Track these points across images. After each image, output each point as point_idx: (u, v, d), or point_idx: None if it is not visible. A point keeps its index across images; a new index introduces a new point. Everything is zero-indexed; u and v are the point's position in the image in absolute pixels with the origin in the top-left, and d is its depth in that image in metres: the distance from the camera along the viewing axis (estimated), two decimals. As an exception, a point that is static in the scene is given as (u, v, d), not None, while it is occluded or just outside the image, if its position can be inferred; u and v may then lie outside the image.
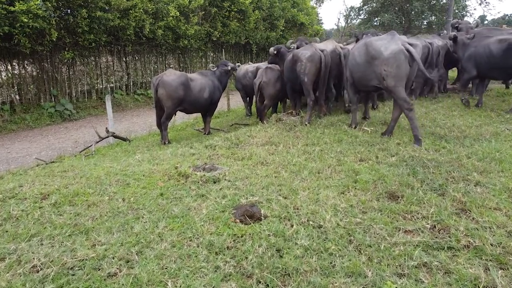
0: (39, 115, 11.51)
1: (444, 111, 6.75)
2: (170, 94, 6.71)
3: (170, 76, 6.77)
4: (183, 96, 6.84)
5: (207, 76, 7.45)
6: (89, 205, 3.42)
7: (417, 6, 36.54)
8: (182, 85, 6.80)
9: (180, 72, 7.17)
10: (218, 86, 7.55)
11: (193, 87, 7.02)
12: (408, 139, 5.06)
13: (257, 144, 5.36)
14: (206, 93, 7.22)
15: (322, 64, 6.42)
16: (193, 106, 7.24)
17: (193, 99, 7.04)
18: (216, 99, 7.55)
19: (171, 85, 6.70)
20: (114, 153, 6.55)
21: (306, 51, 6.54)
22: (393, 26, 40.32)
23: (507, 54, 6.48)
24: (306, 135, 5.69)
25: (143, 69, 15.47)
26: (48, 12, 10.32)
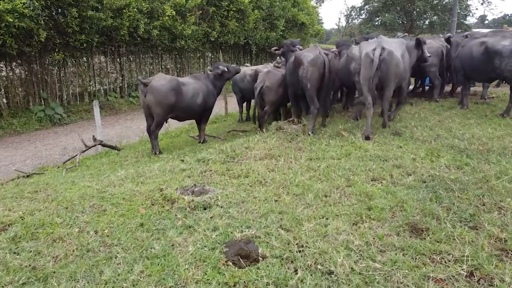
0: (27, 119, 10.96)
1: (460, 119, 6.21)
2: (160, 101, 6.16)
3: (159, 81, 6.21)
4: (174, 102, 6.29)
5: (201, 80, 6.90)
6: (54, 240, 2.87)
7: (420, 6, 36.03)
8: (172, 90, 6.24)
9: (170, 76, 6.62)
10: (212, 90, 6.98)
11: (185, 92, 6.46)
12: (424, 153, 4.51)
13: (255, 158, 4.82)
14: (199, 99, 6.66)
15: (326, 69, 5.85)
16: (185, 113, 6.70)
17: (185, 105, 6.49)
18: (210, 104, 7.01)
19: (160, 91, 6.14)
20: (99, 165, 6.01)
21: (309, 53, 5.99)
22: (394, 26, 39.81)
23: (484, 57, 6.51)
24: (310, 147, 5.15)
25: (138, 70, 14.91)
26: (36, 11, 9.76)
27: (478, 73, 6.90)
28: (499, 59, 6.25)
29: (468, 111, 6.84)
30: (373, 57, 5.37)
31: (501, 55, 6.23)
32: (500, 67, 6.26)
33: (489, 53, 6.39)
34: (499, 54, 6.25)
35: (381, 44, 5.54)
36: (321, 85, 5.96)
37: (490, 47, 6.42)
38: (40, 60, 11.52)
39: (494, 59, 6.33)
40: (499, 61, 6.26)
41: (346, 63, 6.76)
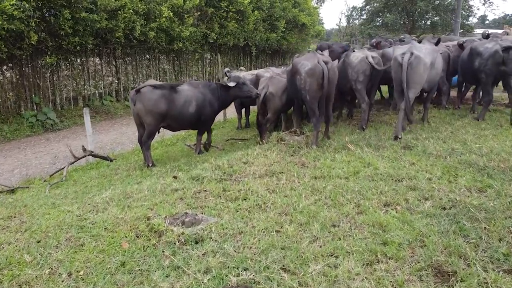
0: (18, 125, 10.56)
1: (473, 130, 5.80)
2: (150, 109, 5.76)
3: (147, 88, 5.81)
4: (166, 110, 5.87)
5: (197, 88, 6.44)
6: (20, 285, 2.46)
7: (422, 6, 35.61)
8: (163, 97, 5.82)
9: (161, 83, 6.19)
10: (210, 100, 6.44)
11: (177, 99, 6.03)
12: (440, 172, 4.10)
13: (255, 175, 4.41)
14: (192, 107, 6.19)
15: (325, 80, 5.35)
16: (177, 122, 6.26)
17: (176, 114, 6.04)
18: (207, 115, 6.48)
19: (150, 99, 5.73)
20: (86, 179, 5.60)
21: (307, 62, 5.55)
22: (396, 27, 39.39)
23: (470, 58, 6.66)
24: (314, 163, 4.74)
25: (134, 73, 14.51)
26: (27, 13, 9.35)
27: (470, 76, 7.06)
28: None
29: (483, 122, 6.42)
30: (402, 61, 5.70)
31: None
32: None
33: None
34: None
35: (411, 49, 5.79)
36: (322, 95, 5.50)
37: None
38: (32, 63, 11.11)
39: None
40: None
41: (342, 69, 6.37)
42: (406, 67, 5.63)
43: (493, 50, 6.27)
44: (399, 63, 5.79)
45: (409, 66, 5.66)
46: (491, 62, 6.29)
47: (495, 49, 6.26)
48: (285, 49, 24.26)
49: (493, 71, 6.33)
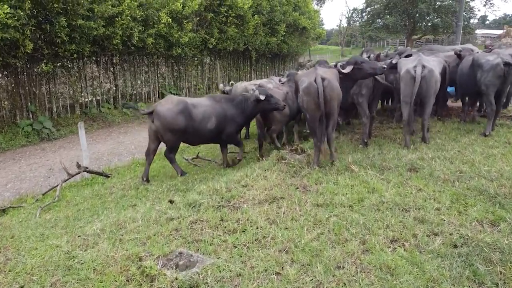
0: (13, 134, 10.39)
1: (481, 148, 5.59)
2: (168, 127, 5.72)
3: (165, 105, 5.76)
4: (185, 126, 5.81)
5: (219, 102, 6.24)
6: None
7: (423, 8, 35.44)
8: (180, 114, 5.75)
9: (178, 98, 6.04)
10: (233, 115, 6.23)
11: (195, 115, 5.92)
12: (449, 201, 3.90)
13: (254, 201, 4.20)
14: (211, 124, 6.04)
15: (320, 98, 5.00)
16: (195, 138, 6.21)
17: (193, 130, 5.94)
18: (229, 130, 6.29)
19: (166, 116, 5.68)
20: (80, 200, 5.40)
21: (305, 78, 5.33)
22: (397, 29, 39.20)
23: (471, 70, 6.62)
24: (316, 186, 4.54)
25: (133, 79, 14.32)
26: (21, 22, 9.16)
27: (467, 87, 7.05)
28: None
29: (489, 137, 6.22)
30: (415, 75, 5.66)
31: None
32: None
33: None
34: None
35: (421, 62, 5.76)
36: (321, 114, 5.19)
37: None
38: (27, 71, 10.92)
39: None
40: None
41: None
42: (419, 80, 5.62)
43: (495, 63, 6.24)
44: (411, 76, 5.73)
45: (422, 79, 5.65)
46: (492, 75, 6.26)
47: (496, 62, 6.23)
48: (285, 53, 24.10)
49: (494, 84, 6.27)
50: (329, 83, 5.19)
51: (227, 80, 19.71)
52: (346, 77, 5.63)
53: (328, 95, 5.16)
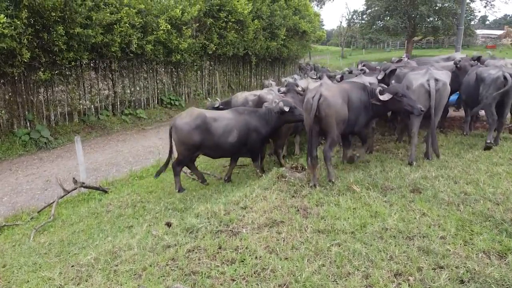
0: (10, 144, 10.28)
1: (485, 166, 5.47)
2: (182, 140, 5.70)
3: (184, 119, 5.74)
4: (200, 141, 5.75)
5: (242, 115, 6.12)
6: None
7: (423, 10, 35.32)
8: (197, 129, 5.69)
9: (198, 112, 5.92)
10: (256, 127, 6.11)
11: (215, 129, 5.82)
12: (454, 228, 3.78)
13: (253, 225, 4.09)
14: (232, 137, 5.93)
15: (311, 115, 4.95)
16: (215, 152, 6.12)
17: (212, 144, 5.86)
18: (253, 143, 6.16)
19: (182, 130, 5.69)
20: (76, 220, 5.29)
21: (308, 94, 5.27)
22: (397, 31, 39.08)
23: (475, 84, 6.69)
24: (317, 209, 4.42)
25: (131, 86, 14.21)
26: (18, 30, 9.05)
27: (471, 99, 7.09)
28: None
29: (493, 152, 6.11)
30: (429, 88, 5.65)
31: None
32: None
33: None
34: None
35: (433, 75, 5.76)
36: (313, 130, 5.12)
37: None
38: (25, 80, 10.81)
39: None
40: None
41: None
42: (434, 94, 5.63)
43: (496, 76, 6.32)
44: (426, 90, 5.72)
45: (437, 92, 5.67)
46: (493, 88, 6.33)
47: (497, 75, 6.31)
48: (285, 57, 23.99)
49: (495, 96, 6.33)
50: (325, 100, 5.06)
51: (227, 85, 19.64)
52: (381, 103, 5.49)
53: (323, 112, 5.07)
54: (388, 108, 5.60)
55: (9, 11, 8.82)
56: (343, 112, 5.19)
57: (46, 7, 9.37)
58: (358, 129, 5.62)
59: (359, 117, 5.51)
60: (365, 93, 5.53)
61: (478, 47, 49.58)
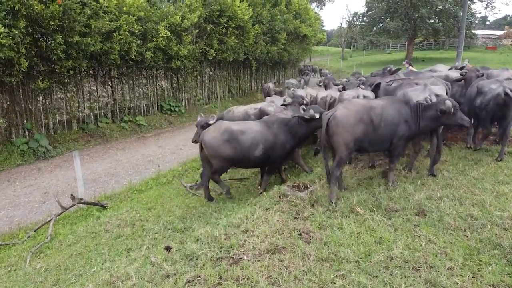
0: (9, 153, 10.17)
1: (491, 185, 5.34)
2: (213, 155, 5.85)
3: (212, 134, 5.85)
4: (232, 154, 5.79)
5: (270, 127, 6.05)
6: None
7: (424, 13, 35.22)
8: (226, 142, 5.72)
9: (226, 125, 5.92)
10: (283, 141, 6.03)
11: (242, 142, 5.80)
12: (462, 257, 3.67)
13: (255, 252, 3.98)
14: (258, 150, 5.89)
15: (322, 132, 5.14)
16: (244, 163, 6.25)
17: (242, 156, 5.87)
18: (276, 156, 6.10)
19: (211, 145, 5.79)
20: (73, 241, 5.18)
21: (331, 111, 5.40)
22: (398, 33, 38.99)
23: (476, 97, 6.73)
24: (320, 233, 4.31)
25: (131, 92, 14.10)
26: (16, 40, 8.94)
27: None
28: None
29: (498, 169, 6.00)
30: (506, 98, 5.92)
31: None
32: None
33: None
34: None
35: (432, 91, 5.76)
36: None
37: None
38: (23, 88, 10.70)
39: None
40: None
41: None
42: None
43: (496, 92, 6.34)
44: (502, 99, 6.02)
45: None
46: (493, 103, 6.37)
47: (498, 91, 6.32)
48: (286, 60, 23.90)
49: (494, 111, 6.42)
50: (334, 119, 5.07)
51: (227, 89, 19.53)
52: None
53: (331, 130, 5.09)
54: (441, 122, 5.36)
55: (7, 20, 8.71)
56: (354, 132, 5.08)
57: (45, 16, 9.26)
58: (394, 146, 5.37)
59: (396, 134, 5.28)
60: (407, 108, 5.32)
61: (479, 47, 49.47)
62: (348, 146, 5.13)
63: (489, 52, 44.41)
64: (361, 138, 5.14)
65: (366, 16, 41.74)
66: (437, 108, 5.20)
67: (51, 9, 9.25)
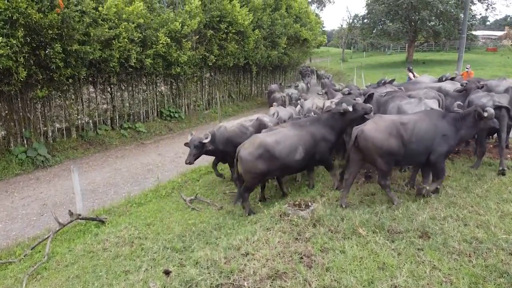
0: (7, 163, 10.09)
1: (495, 204, 5.25)
2: (248, 170, 5.86)
3: (247, 149, 5.83)
4: (265, 169, 5.83)
5: (304, 127, 6.07)
6: None
7: (425, 15, 35.14)
8: (260, 158, 5.75)
9: (260, 140, 5.86)
10: (323, 136, 6.06)
11: (279, 152, 5.77)
12: (467, 286, 3.58)
13: (255, 278, 3.90)
14: (299, 154, 5.88)
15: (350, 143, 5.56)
16: (286, 171, 6.28)
17: (281, 167, 5.88)
18: (321, 153, 6.12)
19: (247, 161, 5.80)
20: (71, 261, 5.09)
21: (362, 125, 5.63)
22: (398, 35, 38.91)
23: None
24: (321, 257, 4.23)
25: (130, 99, 14.02)
26: (14, 49, 8.86)
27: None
28: None
29: (502, 185, 5.92)
30: None
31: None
32: None
33: None
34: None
35: (428, 105, 6.05)
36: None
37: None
38: (21, 96, 10.61)
39: None
40: None
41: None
42: None
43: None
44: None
45: None
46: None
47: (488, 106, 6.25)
48: (286, 64, 23.82)
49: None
50: (363, 133, 5.31)
51: (227, 94, 19.44)
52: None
53: (360, 144, 5.38)
54: (479, 129, 5.49)
55: (5, 30, 8.63)
56: (386, 145, 5.23)
57: (43, 25, 9.18)
58: (434, 162, 5.39)
59: (433, 149, 5.31)
60: (444, 121, 5.35)
61: (479, 48, 49.37)
62: (384, 159, 5.30)
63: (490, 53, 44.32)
64: (392, 152, 5.27)
65: (366, 18, 41.65)
66: (477, 115, 5.27)
67: (50, 18, 9.17)
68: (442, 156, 5.41)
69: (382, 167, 5.36)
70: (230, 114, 18.24)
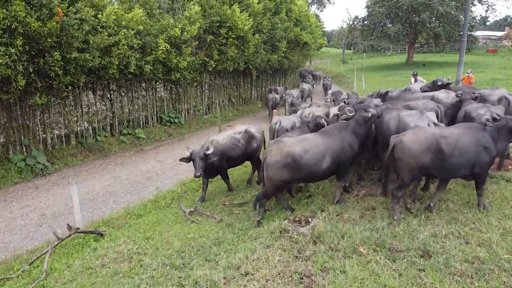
0: (6, 171, 10.04)
1: (497, 221, 5.17)
2: (272, 178, 5.85)
3: (274, 157, 5.78)
4: (289, 178, 5.87)
5: (332, 135, 5.98)
6: None
7: (425, 18, 35.11)
8: (287, 167, 5.73)
9: (288, 148, 5.77)
10: (349, 143, 5.96)
11: (306, 162, 5.71)
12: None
13: (255, 300, 3.86)
14: (325, 162, 5.81)
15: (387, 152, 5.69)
16: (308, 180, 6.38)
17: (307, 175, 5.87)
18: (346, 160, 6.03)
19: (273, 168, 5.78)
20: (68, 278, 5.05)
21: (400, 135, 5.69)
22: (399, 37, 38.87)
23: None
24: (322, 277, 4.19)
25: (130, 105, 13.98)
26: (13, 58, 8.82)
27: None
28: None
29: (504, 200, 5.87)
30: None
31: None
32: None
33: None
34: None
35: (430, 119, 6.11)
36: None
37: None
38: (20, 104, 10.57)
39: None
40: None
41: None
42: None
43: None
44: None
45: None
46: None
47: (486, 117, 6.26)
48: (286, 67, 23.78)
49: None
50: (400, 143, 5.33)
51: (227, 98, 19.39)
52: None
53: (396, 154, 5.40)
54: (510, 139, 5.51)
55: (4, 39, 8.59)
56: (420, 159, 5.22)
57: (42, 34, 9.13)
58: (478, 174, 5.40)
59: (476, 163, 5.29)
60: (485, 134, 5.32)
61: (479, 49, 49.31)
62: (412, 173, 5.31)
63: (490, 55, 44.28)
64: (427, 166, 5.25)
65: (366, 20, 41.61)
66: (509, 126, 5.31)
67: (49, 26, 9.12)
68: (486, 167, 5.44)
69: (405, 179, 5.37)
70: (230, 119, 18.20)
